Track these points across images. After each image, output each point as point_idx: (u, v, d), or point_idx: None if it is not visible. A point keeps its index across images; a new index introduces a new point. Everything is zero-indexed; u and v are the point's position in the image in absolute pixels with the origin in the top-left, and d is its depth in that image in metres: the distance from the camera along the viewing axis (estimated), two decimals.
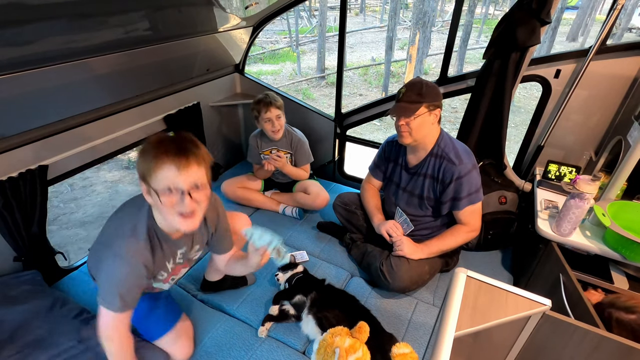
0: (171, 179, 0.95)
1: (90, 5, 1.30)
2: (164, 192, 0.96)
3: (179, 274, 1.37)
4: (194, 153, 0.98)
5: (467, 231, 1.62)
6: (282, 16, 10.36)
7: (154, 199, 0.99)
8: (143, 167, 0.97)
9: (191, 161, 0.96)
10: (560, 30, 12.32)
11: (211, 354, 1.41)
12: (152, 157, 0.95)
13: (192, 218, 1.02)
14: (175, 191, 0.96)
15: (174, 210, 0.99)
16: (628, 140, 1.54)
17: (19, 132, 1.50)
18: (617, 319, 1.13)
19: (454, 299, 0.85)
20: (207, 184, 1.04)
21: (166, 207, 0.99)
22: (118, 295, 1.03)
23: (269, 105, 2.06)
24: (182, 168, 0.95)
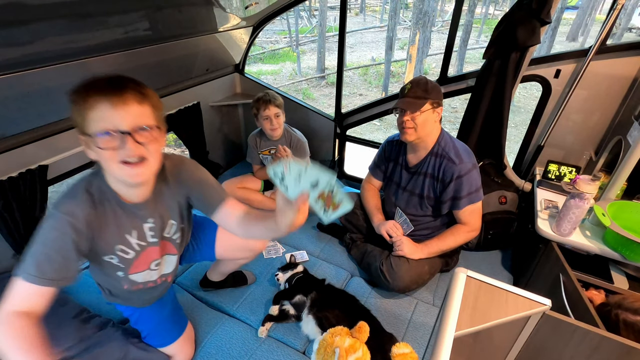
0: (106, 118, 0.80)
1: (90, 5, 1.30)
2: (102, 138, 0.81)
3: (163, 262, 1.16)
4: (133, 88, 0.84)
5: (467, 231, 1.62)
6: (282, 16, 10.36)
7: (95, 151, 0.84)
8: (75, 115, 0.83)
9: (128, 97, 0.82)
10: (560, 30, 12.33)
11: (211, 354, 1.41)
12: (83, 98, 0.80)
13: (141, 166, 0.86)
14: (114, 134, 0.81)
15: (117, 158, 0.83)
16: (628, 140, 1.54)
17: (19, 132, 1.50)
18: (625, 321, 1.13)
19: (454, 298, 0.85)
20: (158, 128, 0.89)
21: (108, 156, 0.83)
22: (35, 259, 0.83)
23: (267, 103, 2.06)
24: (117, 104, 0.80)
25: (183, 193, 1.07)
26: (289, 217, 0.82)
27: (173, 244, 1.16)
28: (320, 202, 0.75)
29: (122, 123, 0.81)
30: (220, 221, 1.08)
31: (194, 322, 1.52)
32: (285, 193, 0.78)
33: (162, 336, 1.36)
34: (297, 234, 2.11)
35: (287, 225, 0.84)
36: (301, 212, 0.81)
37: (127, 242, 1.02)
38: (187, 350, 1.39)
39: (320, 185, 0.73)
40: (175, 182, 1.05)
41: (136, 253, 1.06)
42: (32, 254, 0.85)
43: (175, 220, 1.10)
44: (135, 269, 1.10)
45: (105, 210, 0.95)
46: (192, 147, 2.42)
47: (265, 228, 0.96)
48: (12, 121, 1.45)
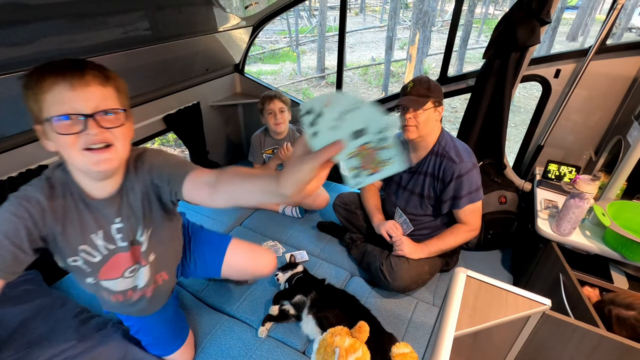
0: (65, 100, 0.72)
1: (90, 5, 1.30)
2: (60, 122, 0.73)
3: (136, 273, 1.05)
4: (94, 69, 0.77)
5: (467, 230, 1.62)
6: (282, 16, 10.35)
7: (54, 140, 0.76)
8: (30, 101, 0.74)
9: (89, 78, 0.74)
10: (560, 30, 12.32)
11: (211, 354, 1.41)
12: (38, 81, 0.73)
13: (107, 152, 0.78)
14: (74, 118, 0.73)
15: (79, 145, 0.75)
16: (628, 140, 1.54)
17: (19, 132, 1.50)
18: (617, 316, 1.14)
19: (453, 298, 0.85)
20: (125, 111, 0.81)
21: (69, 143, 0.75)
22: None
23: (273, 97, 2.10)
24: (77, 85, 0.73)
25: (148, 183, 0.92)
26: (301, 175, 0.55)
27: (141, 251, 1.03)
28: (358, 159, 0.53)
29: (83, 106, 0.74)
30: (191, 195, 0.87)
31: (194, 322, 1.52)
32: (310, 139, 0.53)
33: (163, 346, 1.35)
34: (297, 234, 2.11)
35: (293, 184, 0.57)
36: (321, 173, 0.55)
37: (92, 243, 0.93)
38: (187, 356, 1.38)
39: (369, 134, 0.50)
40: (140, 173, 0.92)
41: (103, 257, 0.96)
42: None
43: (141, 219, 0.97)
44: (106, 275, 0.99)
45: (67, 205, 0.86)
46: (192, 147, 2.42)
47: (258, 189, 0.69)
48: (12, 121, 1.45)
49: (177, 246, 1.23)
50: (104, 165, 0.79)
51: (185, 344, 1.38)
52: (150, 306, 1.20)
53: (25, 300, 1.45)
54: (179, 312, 1.44)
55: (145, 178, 0.92)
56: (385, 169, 0.52)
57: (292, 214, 2.26)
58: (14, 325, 1.34)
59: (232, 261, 1.34)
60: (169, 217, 1.05)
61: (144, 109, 2.02)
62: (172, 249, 1.19)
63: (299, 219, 2.25)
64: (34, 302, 1.45)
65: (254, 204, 0.99)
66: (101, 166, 0.79)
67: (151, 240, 1.03)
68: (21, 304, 1.43)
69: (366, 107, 0.49)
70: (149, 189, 0.94)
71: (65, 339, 1.31)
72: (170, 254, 1.19)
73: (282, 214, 2.29)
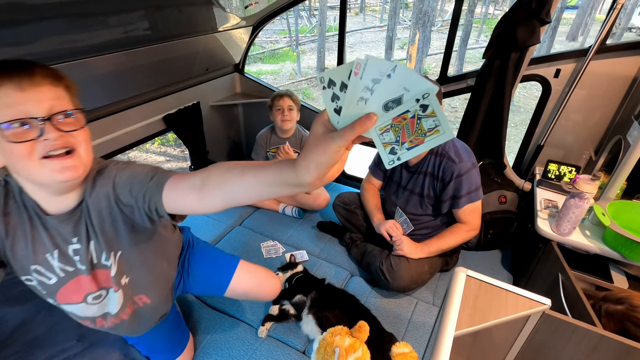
0: (14, 103, 0.64)
1: (89, 5, 1.30)
2: (13, 130, 0.64)
3: (105, 299, 0.94)
4: (43, 68, 0.69)
5: (467, 230, 1.62)
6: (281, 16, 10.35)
7: (4, 151, 0.66)
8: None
9: (38, 77, 0.66)
10: (560, 29, 12.32)
11: (211, 353, 1.41)
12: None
13: (71, 159, 0.70)
14: (29, 123, 0.65)
15: (37, 154, 0.67)
16: (628, 140, 1.54)
17: None
18: (606, 310, 1.14)
19: (453, 298, 0.85)
20: (81, 112, 0.73)
21: (23, 153, 0.66)
22: None
23: (283, 95, 2.13)
24: (26, 86, 0.65)
25: (112, 202, 0.79)
26: (326, 157, 0.47)
27: (111, 276, 0.90)
28: (393, 131, 0.46)
29: (36, 108, 0.65)
30: (175, 205, 0.74)
31: (194, 322, 1.52)
32: (332, 116, 0.47)
33: (162, 354, 1.33)
34: (297, 234, 2.11)
35: (316, 169, 0.48)
36: (347, 153, 0.49)
37: (47, 264, 0.82)
38: (186, 358, 1.38)
39: (406, 103, 0.43)
40: (102, 190, 0.79)
41: (59, 279, 0.85)
42: None
43: (107, 244, 0.85)
44: (64, 298, 0.88)
45: (21, 218, 0.77)
46: (192, 147, 2.42)
47: (267, 181, 0.58)
48: None
49: (162, 267, 1.08)
50: (68, 174, 0.70)
51: (189, 348, 1.38)
52: (135, 328, 1.09)
53: (25, 300, 1.45)
54: (179, 322, 1.40)
55: (109, 196, 0.79)
56: (430, 140, 0.44)
57: (292, 214, 2.26)
58: (14, 325, 1.34)
59: (238, 284, 1.30)
60: (147, 236, 0.95)
61: (144, 108, 2.02)
62: (155, 270, 1.04)
63: (299, 219, 2.25)
64: (33, 302, 1.45)
65: (257, 199, 0.81)
66: (66, 174, 0.69)
67: (121, 264, 0.90)
68: (20, 303, 1.43)
69: (401, 71, 0.41)
70: (114, 208, 0.80)
71: (65, 339, 1.31)
72: (151, 275, 1.03)
73: (282, 213, 2.29)
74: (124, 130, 1.92)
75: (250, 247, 1.99)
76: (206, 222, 2.17)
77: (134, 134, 2.00)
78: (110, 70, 1.66)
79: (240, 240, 2.04)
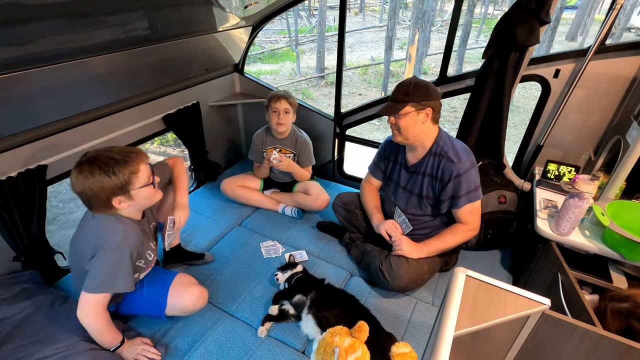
0: None
1: (89, 5, 1.30)
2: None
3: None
4: None
5: (466, 230, 1.62)
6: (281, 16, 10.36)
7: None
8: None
9: None
10: (560, 29, 12.33)
11: (211, 353, 1.41)
12: None
13: None
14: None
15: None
16: (627, 140, 1.54)
17: (18, 132, 1.50)
18: (612, 308, 1.15)
19: (453, 298, 0.85)
20: None
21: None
22: None
23: (280, 97, 2.10)
24: None
25: None
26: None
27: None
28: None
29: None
30: None
31: (194, 322, 1.52)
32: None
33: (154, 298, 1.44)
34: (297, 234, 2.11)
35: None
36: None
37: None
38: (194, 292, 1.45)
39: None
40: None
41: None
42: None
43: None
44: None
45: None
46: (192, 147, 2.42)
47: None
48: (11, 121, 1.44)
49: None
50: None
51: (185, 283, 1.48)
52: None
53: (26, 298, 1.45)
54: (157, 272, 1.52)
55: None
56: None
57: (292, 214, 2.26)
58: (15, 323, 1.34)
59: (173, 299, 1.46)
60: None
61: (144, 108, 2.02)
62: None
63: (298, 219, 2.25)
64: (34, 300, 1.45)
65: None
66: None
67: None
68: (21, 302, 1.43)
69: None
70: None
71: (66, 337, 1.31)
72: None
73: (281, 213, 2.29)
74: (123, 130, 1.92)
75: (250, 247, 1.99)
76: (205, 223, 2.17)
77: (133, 134, 2.00)
78: (110, 70, 1.66)
79: (240, 241, 2.04)
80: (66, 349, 1.27)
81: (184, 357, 1.39)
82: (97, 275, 1.20)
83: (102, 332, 1.27)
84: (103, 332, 1.27)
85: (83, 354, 1.26)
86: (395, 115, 1.53)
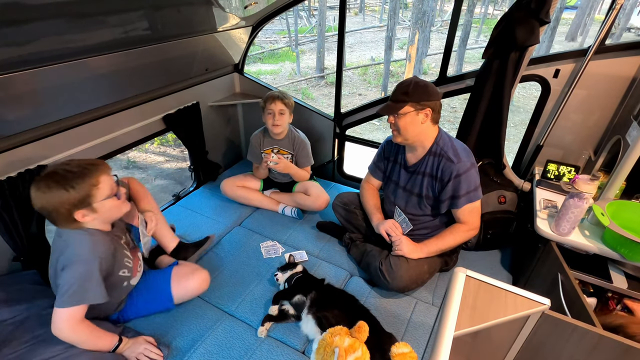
0: None
1: (89, 5, 1.30)
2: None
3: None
4: None
5: (466, 230, 1.62)
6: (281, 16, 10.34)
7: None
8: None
9: None
10: (559, 29, 12.33)
11: (211, 353, 1.41)
12: None
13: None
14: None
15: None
16: (627, 140, 1.54)
17: (18, 132, 1.50)
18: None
19: (453, 298, 0.85)
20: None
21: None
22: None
23: (275, 98, 2.08)
24: None
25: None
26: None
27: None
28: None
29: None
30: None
31: (194, 322, 1.52)
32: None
33: (159, 301, 1.51)
34: (296, 234, 2.11)
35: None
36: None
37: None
38: (200, 276, 1.56)
39: None
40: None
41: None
42: None
43: None
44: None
45: None
46: (192, 147, 2.42)
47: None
48: (11, 121, 1.44)
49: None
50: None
51: (187, 269, 1.57)
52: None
53: (27, 300, 1.45)
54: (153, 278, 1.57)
55: None
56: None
57: (292, 214, 2.26)
58: (16, 324, 1.34)
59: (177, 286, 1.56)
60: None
61: (144, 108, 2.02)
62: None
63: (298, 219, 2.25)
64: (35, 301, 1.45)
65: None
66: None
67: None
68: (21, 302, 1.43)
69: None
70: None
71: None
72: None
73: (281, 214, 2.29)
74: (123, 130, 1.92)
75: (250, 247, 1.99)
76: (205, 223, 2.17)
77: (133, 134, 2.00)
78: (110, 70, 1.66)
79: (240, 241, 2.04)
80: (66, 350, 1.26)
81: (184, 357, 1.39)
82: (66, 289, 1.17)
83: (88, 342, 1.25)
84: (88, 341, 1.25)
85: (83, 354, 1.25)
86: (394, 114, 1.53)
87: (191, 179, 2.63)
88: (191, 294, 1.57)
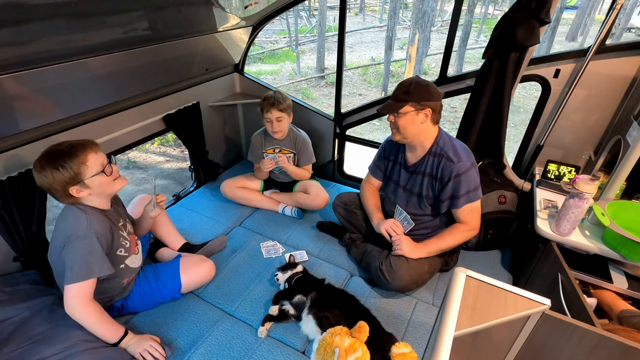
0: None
1: (89, 5, 1.30)
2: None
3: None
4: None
5: (466, 230, 1.62)
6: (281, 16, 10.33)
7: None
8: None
9: None
10: (560, 30, 12.33)
11: (211, 353, 1.41)
12: None
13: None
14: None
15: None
16: (627, 140, 1.54)
17: (18, 132, 1.50)
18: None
19: (453, 298, 0.85)
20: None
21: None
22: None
23: (271, 106, 2.07)
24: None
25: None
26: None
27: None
28: None
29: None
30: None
31: (194, 322, 1.52)
32: None
33: (168, 289, 1.59)
34: (297, 234, 2.11)
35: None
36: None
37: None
38: (205, 266, 1.67)
39: None
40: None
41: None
42: None
43: None
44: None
45: None
46: (192, 147, 2.42)
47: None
48: (11, 121, 1.44)
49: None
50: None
51: (191, 259, 1.67)
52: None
53: (26, 299, 1.45)
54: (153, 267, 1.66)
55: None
56: None
57: (292, 214, 2.26)
58: (16, 323, 1.34)
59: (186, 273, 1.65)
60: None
61: (144, 108, 2.02)
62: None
63: (298, 219, 2.25)
64: (35, 301, 1.45)
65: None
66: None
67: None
68: (22, 302, 1.43)
69: None
70: None
71: (66, 337, 1.30)
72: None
73: (281, 213, 2.29)
74: (123, 130, 1.92)
75: (250, 247, 1.99)
76: (205, 223, 2.17)
77: (133, 134, 2.00)
78: (110, 70, 1.66)
79: (240, 241, 2.04)
80: (66, 349, 1.26)
81: (185, 357, 1.39)
82: (72, 265, 1.24)
83: (97, 324, 1.29)
84: (98, 323, 1.29)
85: (83, 353, 1.26)
86: (394, 113, 1.53)
87: (191, 179, 2.63)
88: (199, 282, 1.68)
